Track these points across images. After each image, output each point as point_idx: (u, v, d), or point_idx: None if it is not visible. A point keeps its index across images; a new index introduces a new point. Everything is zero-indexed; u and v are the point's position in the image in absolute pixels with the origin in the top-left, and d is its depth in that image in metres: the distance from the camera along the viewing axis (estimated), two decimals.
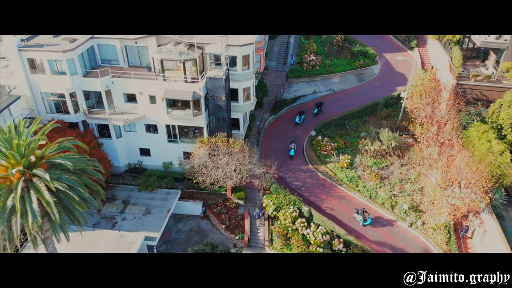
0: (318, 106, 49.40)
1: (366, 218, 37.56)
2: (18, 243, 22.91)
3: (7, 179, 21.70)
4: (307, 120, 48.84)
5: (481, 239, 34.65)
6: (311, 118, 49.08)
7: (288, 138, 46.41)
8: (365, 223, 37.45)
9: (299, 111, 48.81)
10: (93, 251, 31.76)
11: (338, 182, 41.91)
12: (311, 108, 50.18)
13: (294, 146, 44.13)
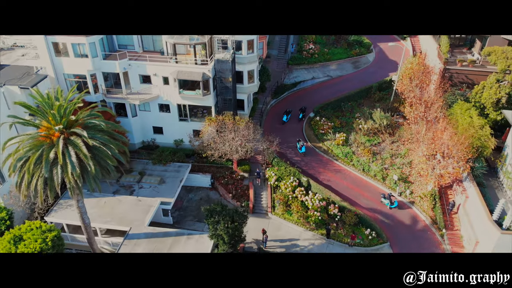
0: (302, 111, 49.72)
1: (392, 201, 39.48)
2: (59, 190, 25.80)
3: (48, 138, 24.73)
4: (306, 100, 51.87)
5: (463, 205, 37.63)
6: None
7: (288, 121, 49.35)
8: (392, 206, 39.44)
9: (286, 111, 49.67)
10: (115, 213, 34.85)
11: (334, 158, 44.90)
12: (295, 104, 52.15)
13: (302, 143, 45.62)
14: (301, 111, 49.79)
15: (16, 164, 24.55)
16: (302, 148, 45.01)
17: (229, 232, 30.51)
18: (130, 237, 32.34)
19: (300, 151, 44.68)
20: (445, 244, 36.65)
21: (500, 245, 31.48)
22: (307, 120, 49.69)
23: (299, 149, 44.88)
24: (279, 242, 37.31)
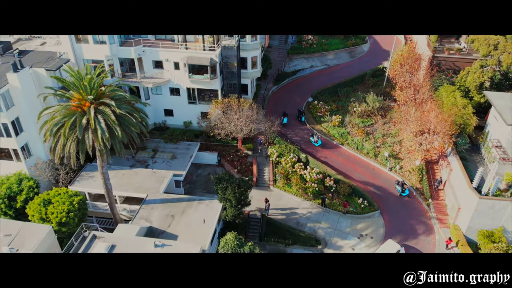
0: (301, 113, 49.87)
1: (404, 190, 40.96)
2: (90, 152, 28.68)
3: (79, 107, 27.60)
4: (305, 86, 54.83)
5: (448, 178, 40.47)
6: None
7: (288, 104, 52.16)
8: (403, 194, 40.93)
9: (284, 113, 49.22)
10: (132, 182, 37.78)
11: (331, 137, 47.77)
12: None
13: (317, 137, 46.62)
14: (299, 113, 49.74)
15: (52, 129, 27.44)
16: (318, 142, 45.94)
17: (236, 196, 33.46)
18: (147, 202, 35.29)
19: (316, 145, 45.59)
20: (431, 212, 39.57)
21: (479, 210, 34.37)
22: (306, 104, 52.52)
23: (314, 142, 45.76)
24: (280, 210, 40.26)
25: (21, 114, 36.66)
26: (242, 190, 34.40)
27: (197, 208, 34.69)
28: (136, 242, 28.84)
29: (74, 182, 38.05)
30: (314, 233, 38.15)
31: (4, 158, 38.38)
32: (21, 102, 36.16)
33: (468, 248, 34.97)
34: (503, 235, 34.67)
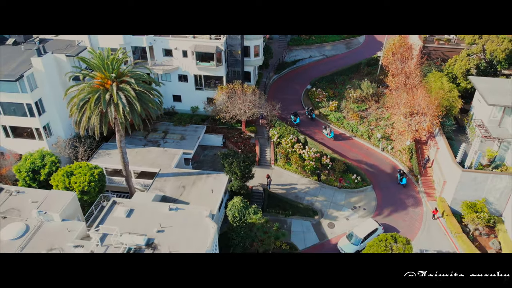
0: (312, 111, 50.86)
1: (401, 179, 41.94)
2: (112, 124, 31.20)
3: (102, 85, 30.21)
4: (304, 75, 57.35)
5: (435, 156, 43.05)
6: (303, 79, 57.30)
7: (288, 92, 54.72)
8: (401, 182, 42.19)
9: (294, 113, 50.28)
10: (146, 159, 40.41)
11: (328, 121, 50.33)
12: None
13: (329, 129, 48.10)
14: (310, 111, 50.72)
15: (79, 103, 30.05)
16: (331, 134, 47.53)
17: (241, 169, 36.09)
18: (159, 176, 37.92)
19: (329, 137, 47.40)
20: (419, 187, 42.20)
21: (462, 182, 36.96)
22: (305, 92, 55.07)
23: (327, 135, 47.55)
24: (281, 186, 42.89)
25: (43, 96, 39.25)
26: (246, 164, 37.04)
27: (205, 181, 37.32)
28: (152, 206, 31.49)
29: (92, 158, 40.65)
30: (312, 205, 40.80)
31: (26, 137, 41.00)
32: (44, 85, 38.73)
33: (453, 218, 37.59)
34: (485, 206, 37.25)
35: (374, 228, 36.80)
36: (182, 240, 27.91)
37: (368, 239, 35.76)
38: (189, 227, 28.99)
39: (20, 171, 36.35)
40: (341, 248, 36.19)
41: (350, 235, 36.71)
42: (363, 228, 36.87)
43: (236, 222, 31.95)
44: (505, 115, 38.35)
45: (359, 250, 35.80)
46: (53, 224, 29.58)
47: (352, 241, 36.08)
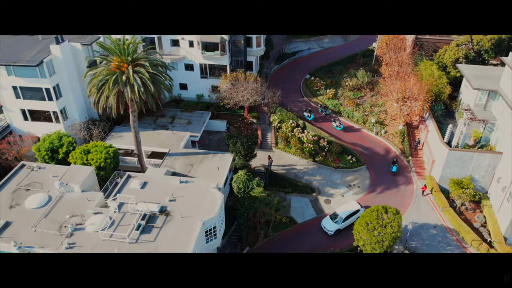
0: (325, 108, 52.09)
1: (392, 166, 43.91)
2: (128, 102, 33.50)
3: (118, 68, 32.50)
4: (303, 65, 59.60)
5: (425, 139, 45.36)
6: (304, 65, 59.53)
7: (288, 81, 56.96)
8: (392, 169, 43.87)
9: (308, 109, 51.44)
10: (156, 140, 42.71)
11: (339, 115, 52.56)
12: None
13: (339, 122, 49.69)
14: (325, 108, 52.02)
15: (98, 84, 32.34)
16: (341, 126, 49.24)
17: (245, 147, 38.43)
18: (169, 155, 40.21)
19: (338, 129, 49.13)
20: (410, 167, 44.55)
21: (449, 160, 39.28)
22: (304, 81, 57.34)
23: (336, 127, 49.29)
24: (281, 166, 45.21)
25: (60, 81, 41.51)
26: (250, 144, 39.38)
27: (212, 159, 39.63)
28: (164, 179, 33.80)
29: (105, 140, 42.92)
30: (310, 183, 43.13)
31: (43, 121, 43.27)
32: (61, 71, 40.99)
33: (441, 194, 39.93)
34: (471, 183, 39.59)
35: (356, 209, 38.71)
36: (192, 207, 30.22)
37: (350, 219, 37.96)
38: (198, 197, 31.30)
39: (40, 150, 38.59)
40: (324, 226, 38.40)
41: (333, 214, 38.80)
42: (345, 208, 38.89)
43: (241, 193, 34.30)
44: (490, 99, 40.62)
45: (339, 229, 37.93)
46: (74, 194, 31.88)
47: (334, 220, 38.25)
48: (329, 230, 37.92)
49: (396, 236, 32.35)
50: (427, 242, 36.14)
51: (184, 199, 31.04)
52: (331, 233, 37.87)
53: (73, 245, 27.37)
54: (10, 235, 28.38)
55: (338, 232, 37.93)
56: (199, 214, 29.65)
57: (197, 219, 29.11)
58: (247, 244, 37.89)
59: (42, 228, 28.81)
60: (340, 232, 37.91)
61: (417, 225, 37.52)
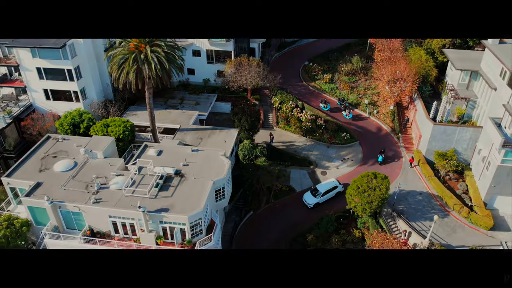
0: (343, 101, 52.86)
1: (378, 156, 45.46)
2: (146, 78, 36.57)
3: (137, 48, 35.59)
4: (303, 53, 62.59)
5: (413, 117, 48.45)
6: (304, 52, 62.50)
7: (288, 67, 59.93)
8: (379, 160, 45.40)
9: (324, 100, 52.95)
10: (167, 118, 45.79)
11: (322, 91, 55.70)
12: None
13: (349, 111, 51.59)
14: (341, 101, 53.03)
15: (119, 62, 35.46)
16: (350, 115, 50.78)
17: (249, 122, 41.54)
18: (180, 130, 43.30)
19: (348, 118, 50.90)
20: (400, 142, 47.68)
21: (434, 134, 42.32)
22: (303, 67, 60.37)
23: (346, 116, 51.11)
24: (281, 143, 48.32)
25: (81, 63, 44.51)
26: (253, 120, 42.49)
27: (219, 134, 42.73)
28: (177, 148, 36.89)
29: (121, 117, 45.96)
30: (308, 158, 46.28)
31: (64, 100, 46.28)
32: (81, 53, 43.98)
33: (427, 166, 43.01)
34: (454, 155, 42.65)
35: (334, 186, 41.65)
36: (203, 171, 33.33)
37: (328, 194, 41.08)
38: (208, 162, 34.42)
39: (62, 125, 41.67)
40: (304, 200, 41.41)
41: (314, 189, 41.74)
42: (325, 185, 41.87)
43: (246, 160, 37.43)
44: (472, 79, 43.65)
45: (318, 203, 40.93)
46: (97, 160, 34.98)
47: (314, 194, 41.22)
48: (309, 203, 40.95)
49: (384, 198, 35.55)
50: (413, 207, 39.30)
51: (196, 164, 34.15)
52: (310, 206, 40.96)
53: (100, 200, 30.51)
54: (42, 193, 31.51)
55: (317, 205, 40.93)
56: (210, 175, 32.76)
57: (208, 180, 32.24)
58: (251, 209, 41.08)
59: (70, 187, 31.94)
60: (319, 206, 40.87)
61: (404, 191, 40.67)
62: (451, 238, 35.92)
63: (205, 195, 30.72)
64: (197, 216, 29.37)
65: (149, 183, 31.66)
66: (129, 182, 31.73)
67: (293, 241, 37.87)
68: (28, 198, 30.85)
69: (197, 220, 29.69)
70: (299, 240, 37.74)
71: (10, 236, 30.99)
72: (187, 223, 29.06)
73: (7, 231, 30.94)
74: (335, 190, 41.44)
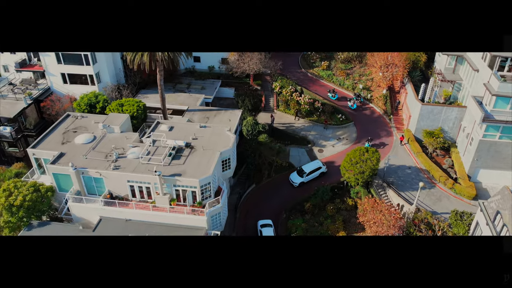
0: (358, 96, 54.23)
1: (365, 142, 47.78)
2: (159, 60, 39.16)
3: None
4: None
5: (404, 100, 51.22)
6: None
7: (288, 55, 62.56)
8: (368, 144, 47.37)
9: (332, 90, 54.63)
10: (176, 100, 48.52)
11: (320, 77, 58.44)
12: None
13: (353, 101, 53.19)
14: (358, 96, 54.31)
15: None
16: (354, 105, 52.65)
17: (251, 103, 44.34)
18: (188, 111, 46.07)
19: (352, 108, 52.99)
20: (391, 123, 50.49)
21: (422, 114, 45.06)
22: (301, 55, 63.07)
23: (351, 106, 53.19)
24: (282, 124, 51.09)
25: None
26: (255, 101, 45.29)
27: (224, 114, 45.51)
28: (187, 124, 39.63)
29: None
30: (306, 137, 49.08)
31: (80, 83, 48.97)
32: None
33: (415, 143, 45.80)
34: (441, 133, 45.40)
35: (318, 166, 44.01)
36: (211, 143, 36.08)
37: (312, 174, 43.47)
38: (215, 137, 37.16)
39: (80, 105, 44.39)
40: (291, 179, 43.85)
41: (299, 170, 44.17)
42: (310, 165, 44.26)
43: (249, 135, 40.25)
44: (458, 64, 46.38)
45: (303, 182, 43.37)
46: (114, 134, 37.72)
47: (300, 174, 43.65)
48: (295, 182, 43.45)
49: (374, 168, 38.39)
50: (402, 179, 42.14)
51: (204, 138, 36.92)
52: (296, 184, 43.39)
53: (119, 167, 33.31)
54: (65, 161, 34.28)
55: (302, 184, 43.38)
56: (217, 147, 35.55)
57: (215, 151, 35.02)
58: (253, 182, 43.93)
59: (91, 157, 34.72)
60: (304, 185, 43.25)
61: (395, 166, 43.51)
62: (437, 206, 38.76)
63: (213, 163, 33.50)
64: (206, 180, 32.18)
65: (162, 153, 34.41)
66: (145, 152, 34.50)
67: (291, 209, 40.70)
68: (54, 165, 33.62)
69: (206, 184, 32.49)
70: (297, 208, 40.58)
71: (36, 200, 33.74)
72: (198, 186, 31.86)
73: (34, 195, 33.66)
74: (319, 171, 43.91)
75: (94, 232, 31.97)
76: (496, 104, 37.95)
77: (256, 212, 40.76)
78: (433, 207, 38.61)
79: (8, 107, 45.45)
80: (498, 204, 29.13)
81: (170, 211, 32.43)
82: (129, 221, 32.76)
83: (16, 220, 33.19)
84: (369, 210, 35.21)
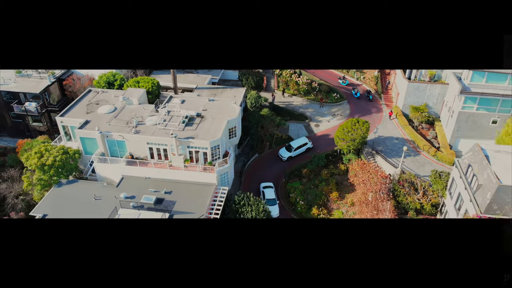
0: (369, 93, 55.43)
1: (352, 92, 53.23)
2: None
3: None
4: None
5: (394, 81, 54.91)
6: None
7: None
8: (353, 93, 52.42)
9: (343, 77, 58.34)
10: (185, 80, 52.20)
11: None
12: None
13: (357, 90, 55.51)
14: (369, 92, 55.84)
15: None
16: (357, 94, 54.87)
17: (255, 81, 48.02)
18: (197, 89, 49.77)
19: (356, 96, 55.43)
20: (382, 100, 54.24)
21: (409, 91, 48.76)
22: None
23: (354, 94, 55.64)
24: (281, 102, 54.83)
25: None
26: (258, 79, 48.97)
27: (229, 91, 49.17)
28: (197, 98, 43.34)
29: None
30: (304, 113, 52.85)
31: None
32: None
33: (403, 117, 49.53)
34: (426, 108, 49.14)
35: (305, 143, 47.16)
36: (219, 114, 39.79)
37: (299, 150, 46.58)
38: (222, 108, 40.89)
39: (99, 83, 48.06)
40: (280, 154, 47.10)
41: (287, 145, 47.29)
42: (297, 141, 47.44)
43: (253, 107, 44.02)
44: None
45: (291, 156, 46.49)
46: (133, 106, 41.45)
47: (288, 150, 46.86)
48: (283, 157, 46.69)
49: (364, 136, 42.19)
50: (389, 148, 45.92)
51: (213, 110, 40.64)
52: (284, 158, 46.55)
53: (139, 131, 37.09)
54: (91, 127, 38.05)
55: (290, 158, 46.58)
56: (224, 117, 39.30)
57: (223, 119, 38.78)
58: (256, 152, 47.74)
59: (114, 123, 38.49)
60: (292, 159, 46.44)
61: (383, 137, 47.29)
62: (420, 170, 42.56)
63: (222, 128, 37.27)
64: (216, 142, 35.96)
65: (177, 121, 38.16)
66: (161, 119, 38.26)
67: (290, 174, 44.54)
68: (81, 130, 37.41)
69: (216, 147, 36.27)
70: (296, 173, 44.43)
71: (65, 160, 37.51)
72: (208, 147, 35.65)
73: (63, 156, 37.45)
74: (306, 146, 47.13)
75: (117, 188, 35.72)
76: (473, 78, 41.68)
77: (258, 176, 44.58)
78: (417, 171, 42.42)
79: (34, 84, 49.09)
80: (470, 159, 32.96)
81: (184, 170, 36.21)
82: (148, 179, 36.54)
83: (48, 177, 36.93)
84: (359, 171, 39.01)
